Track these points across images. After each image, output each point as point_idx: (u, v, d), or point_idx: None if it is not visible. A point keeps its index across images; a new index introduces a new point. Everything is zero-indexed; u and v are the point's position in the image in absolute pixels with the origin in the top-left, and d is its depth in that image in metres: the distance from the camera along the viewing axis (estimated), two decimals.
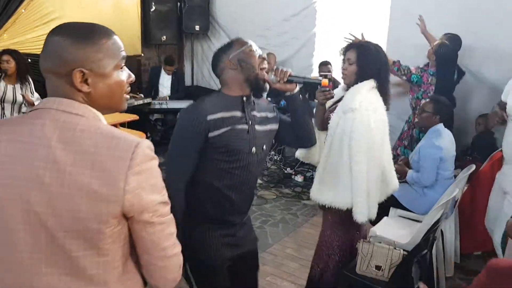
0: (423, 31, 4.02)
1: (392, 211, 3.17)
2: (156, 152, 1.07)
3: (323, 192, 2.31)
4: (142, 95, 5.49)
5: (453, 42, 3.92)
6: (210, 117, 1.71)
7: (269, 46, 5.88)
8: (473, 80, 4.31)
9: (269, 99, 5.54)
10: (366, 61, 2.26)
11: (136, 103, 5.19)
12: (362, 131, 2.16)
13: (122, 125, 2.97)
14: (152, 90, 5.83)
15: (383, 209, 3.07)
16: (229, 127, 1.75)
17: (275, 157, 5.48)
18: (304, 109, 1.96)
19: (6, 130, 1.03)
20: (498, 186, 2.80)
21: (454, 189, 2.82)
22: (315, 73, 5.51)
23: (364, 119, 2.17)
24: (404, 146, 4.01)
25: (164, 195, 1.08)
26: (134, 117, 3.09)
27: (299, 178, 4.98)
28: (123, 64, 1.12)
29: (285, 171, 5.15)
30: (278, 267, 3.24)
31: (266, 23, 5.87)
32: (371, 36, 4.24)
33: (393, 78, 3.69)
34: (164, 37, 6.07)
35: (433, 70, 3.87)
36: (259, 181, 4.94)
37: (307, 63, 5.71)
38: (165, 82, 5.79)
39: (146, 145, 1.03)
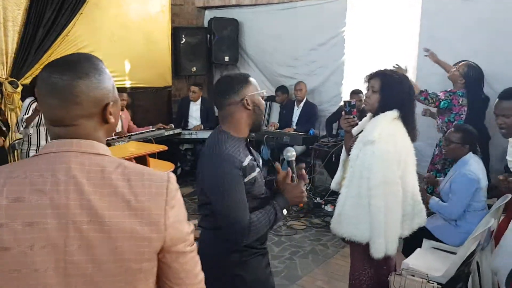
0: (435, 61, 4.04)
1: (426, 242, 3.07)
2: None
3: (342, 224, 2.29)
4: (173, 125, 5.62)
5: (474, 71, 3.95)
6: (244, 162, 1.70)
7: (297, 75, 5.96)
8: None
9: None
10: (390, 90, 2.24)
11: (166, 133, 5.30)
12: (380, 164, 2.14)
13: (152, 155, 3.02)
14: (181, 120, 5.94)
15: (417, 241, 3.00)
16: (255, 172, 1.74)
17: (305, 187, 5.42)
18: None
19: (22, 175, 0.95)
20: None
21: (489, 220, 2.71)
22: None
23: (383, 152, 2.15)
24: (437, 170, 3.90)
25: (190, 224, 1.08)
26: (163, 147, 3.14)
27: (329, 208, 4.91)
28: None
29: (315, 201, 5.09)
30: None
31: (294, 53, 5.95)
32: (399, 62, 4.25)
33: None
34: (194, 68, 6.22)
35: (462, 91, 3.80)
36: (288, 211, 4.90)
37: (336, 91, 5.72)
38: (193, 113, 5.89)
39: (174, 178, 1.04)
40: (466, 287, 2.54)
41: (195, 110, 5.87)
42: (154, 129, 5.39)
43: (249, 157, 1.75)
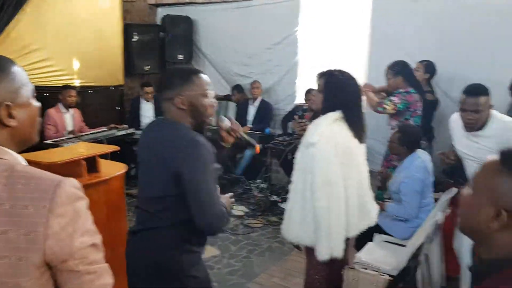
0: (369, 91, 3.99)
1: (377, 236, 3.16)
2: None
3: (290, 229, 2.28)
4: (126, 126, 5.48)
5: (429, 68, 4.16)
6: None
7: (253, 74, 5.98)
8: (453, 105, 4.40)
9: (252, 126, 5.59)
10: (333, 90, 2.21)
11: (118, 133, 5.16)
12: (321, 166, 2.11)
13: (104, 156, 2.92)
14: (134, 120, 5.80)
15: (368, 235, 3.08)
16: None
17: (262, 185, 5.46)
18: (223, 158, 1.95)
19: None
20: None
21: (436, 213, 2.83)
22: (298, 100, 5.60)
23: (324, 154, 2.12)
24: (394, 166, 3.98)
25: (96, 239, 0.96)
26: (114, 148, 3.04)
27: (285, 205, 4.94)
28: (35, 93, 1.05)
29: (272, 199, 5.11)
30: None
31: (250, 52, 5.97)
32: (351, 62, 4.36)
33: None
34: (147, 66, 6.10)
35: (411, 89, 3.92)
36: (245, 209, 4.91)
37: (291, 90, 5.79)
38: (146, 112, 5.76)
39: (70, 184, 0.93)
40: (415, 278, 2.62)
41: (147, 110, 5.75)
42: (105, 129, 5.24)
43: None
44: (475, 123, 2.53)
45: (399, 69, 3.89)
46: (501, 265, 1.02)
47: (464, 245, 2.72)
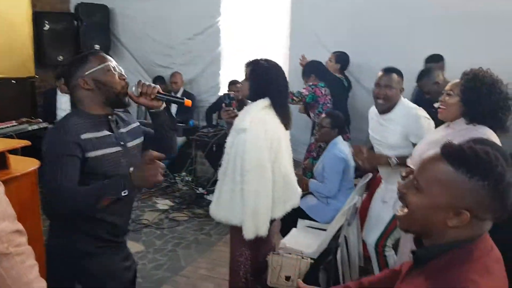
0: None
1: (300, 222, 3.27)
2: None
3: (219, 209, 2.35)
4: (40, 120, 5.13)
5: (340, 59, 4.43)
6: (84, 136, 1.60)
7: (174, 65, 5.86)
8: (365, 94, 4.66)
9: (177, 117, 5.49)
10: (259, 77, 2.31)
11: (30, 128, 4.82)
12: (252, 151, 2.21)
13: (14, 152, 2.71)
14: (48, 113, 5.45)
15: (293, 221, 3.18)
16: (105, 150, 1.65)
17: (187, 178, 5.40)
18: (169, 124, 1.91)
19: None
20: (379, 196, 2.95)
21: (354, 197, 2.98)
22: (222, 92, 5.58)
23: (254, 140, 2.22)
24: (313, 157, 4.14)
25: (17, 224, 0.99)
26: (25, 142, 2.83)
27: (211, 198, 4.91)
28: None
29: (197, 192, 5.08)
30: None
31: (170, 42, 5.83)
32: (273, 53, 4.43)
33: None
34: (61, 57, 5.74)
35: (320, 83, 4.11)
36: (170, 203, 4.83)
37: (214, 82, 5.75)
38: (62, 105, 5.42)
39: None
40: (336, 259, 2.75)
41: (64, 102, 5.41)
42: (16, 123, 4.86)
43: (102, 133, 1.66)
44: (386, 99, 2.70)
45: (308, 69, 4.17)
46: (449, 247, 1.03)
47: (372, 229, 2.89)
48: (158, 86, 1.79)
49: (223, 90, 5.50)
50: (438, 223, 1.03)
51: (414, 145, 2.60)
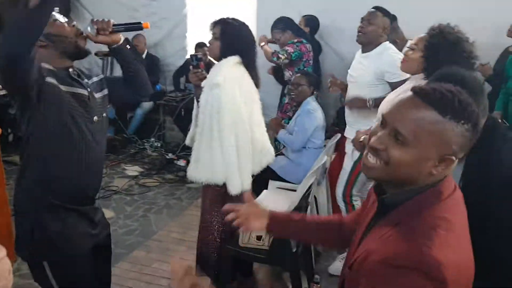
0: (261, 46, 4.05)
1: (271, 184, 3.30)
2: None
3: (199, 170, 2.34)
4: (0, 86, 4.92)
5: (309, 22, 4.40)
6: (48, 79, 1.56)
7: None
8: (334, 56, 4.69)
9: None
10: (230, 36, 2.30)
11: None
12: (228, 106, 2.22)
13: None
14: None
15: (262, 183, 3.22)
16: (69, 87, 1.63)
17: (156, 144, 5.34)
18: (134, 58, 1.84)
19: None
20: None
21: (323, 157, 3.02)
22: (189, 55, 5.46)
23: (229, 94, 2.23)
24: (289, 117, 4.07)
25: None
26: None
27: (181, 163, 4.91)
28: None
29: (167, 157, 5.04)
30: (164, 252, 3.19)
31: (134, 4, 5.62)
32: (240, 15, 4.31)
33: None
34: None
35: (303, 39, 4.04)
36: (140, 169, 4.79)
37: (181, 45, 5.63)
38: None
39: None
40: None
41: None
42: None
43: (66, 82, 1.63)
44: (364, 33, 2.80)
45: (284, 25, 4.03)
46: (418, 191, 1.02)
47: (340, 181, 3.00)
48: (111, 19, 1.72)
49: (191, 53, 5.39)
50: (423, 173, 0.99)
51: (390, 84, 2.71)
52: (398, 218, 1.02)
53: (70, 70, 1.68)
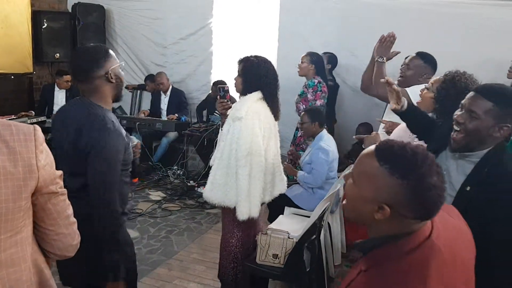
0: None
1: (287, 210, 3.49)
2: None
3: (214, 192, 2.55)
4: (33, 113, 5.32)
5: (331, 60, 4.64)
6: (123, 134, 1.81)
7: (167, 63, 6.08)
8: (351, 92, 4.93)
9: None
10: (249, 73, 2.54)
11: (29, 121, 4.99)
12: (247, 138, 2.43)
13: None
14: (44, 108, 5.63)
15: (279, 209, 3.41)
16: (128, 141, 1.87)
17: (178, 172, 5.61)
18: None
19: None
20: None
21: (337, 185, 3.22)
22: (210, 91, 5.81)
23: (249, 127, 2.44)
24: (303, 149, 4.28)
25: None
26: None
27: (202, 190, 5.14)
28: None
29: (189, 184, 5.30)
30: (184, 271, 3.39)
31: (164, 42, 6.06)
32: (262, 54, 4.64)
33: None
34: (58, 54, 5.93)
35: (320, 79, 4.27)
36: (163, 194, 5.04)
37: (205, 80, 5.99)
38: (59, 100, 5.61)
39: (39, 128, 1.19)
40: (319, 240, 2.98)
41: (60, 98, 5.61)
42: (15, 117, 5.04)
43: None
44: (404, 77, 2.99)
45: (315, 59, 4.24)
46: (384, 241, 1.08)
47: None
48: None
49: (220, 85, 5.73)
50: (367, 215, 1.07)
51: None
52: (368, 263, 1.11)
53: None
